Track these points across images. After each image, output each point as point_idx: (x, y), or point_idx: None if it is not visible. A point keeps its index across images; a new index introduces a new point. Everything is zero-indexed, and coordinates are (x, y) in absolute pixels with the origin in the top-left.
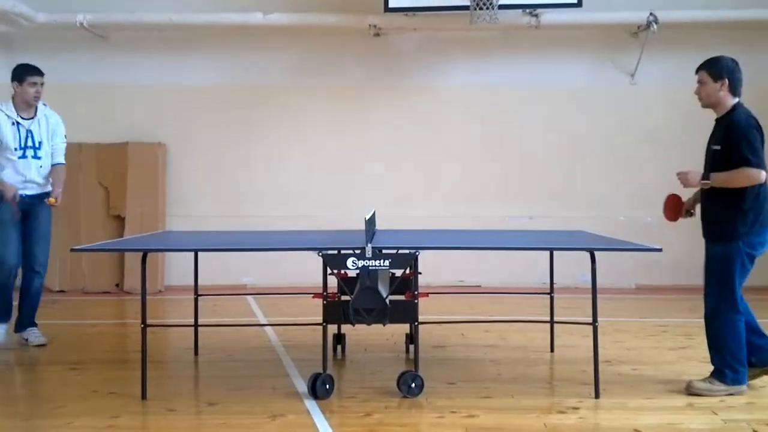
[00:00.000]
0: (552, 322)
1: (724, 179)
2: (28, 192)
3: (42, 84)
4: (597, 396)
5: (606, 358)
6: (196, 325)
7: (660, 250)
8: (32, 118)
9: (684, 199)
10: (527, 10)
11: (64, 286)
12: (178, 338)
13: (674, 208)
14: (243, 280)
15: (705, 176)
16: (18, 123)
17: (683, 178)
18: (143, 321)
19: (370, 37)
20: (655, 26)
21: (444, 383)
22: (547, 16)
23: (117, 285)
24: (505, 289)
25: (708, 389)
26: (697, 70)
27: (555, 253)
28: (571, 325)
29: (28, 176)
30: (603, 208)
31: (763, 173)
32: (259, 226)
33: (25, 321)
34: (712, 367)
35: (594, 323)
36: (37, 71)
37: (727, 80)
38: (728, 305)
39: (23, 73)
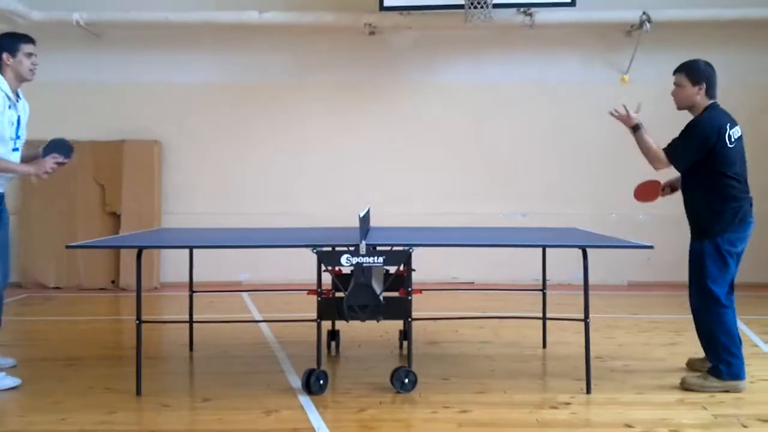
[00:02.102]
0: (544, 319)
1: (640, 139)
2: None
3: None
4: (588, 391)
5: (598, 353)
6: (191, 322)
7: (652, 247)
8: (18, 100)
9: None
10: (521, 9)
11: (60, 282)
12: (173, 335)
13: (648, 191)
14: (240, 277)
15: (637, 127)
16: (14, 106)
17: (620, 115)
18: (138, 317)
19: (365, 36)
20: (648, 25)
21: (437, 379)
22: (541, 15)
23: (113, 282)
24: (499, 285)
25: (700, 385)
26: (675, 72)
27: (548, 250)
28: (563, 322)
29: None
30: (596, 206)
31: (662, 164)
32: (254, 223)
33: None
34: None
35: (586, 319)
36: (31, 39)
37: (705, 85)
38: (711, 300)
39: (16, 41)
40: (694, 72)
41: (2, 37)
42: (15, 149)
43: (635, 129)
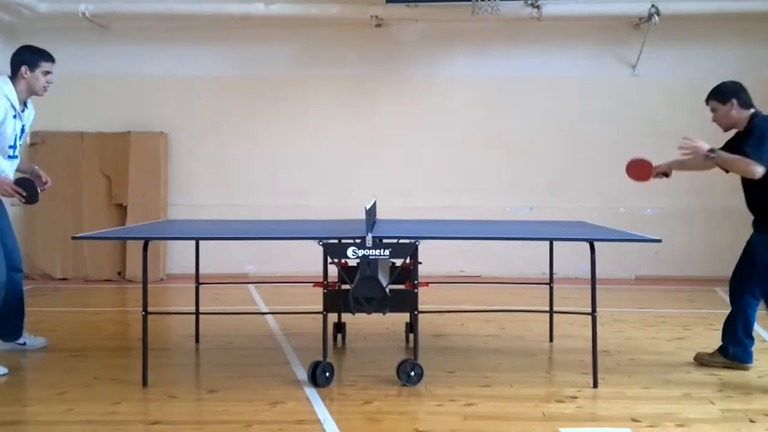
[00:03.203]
0: (551, 312)
1: (724, 159)
2: None
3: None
4: (595, 385)
5: (605, 347)
6: (197, 313)
7: (660, 241)
8: (24, 109)
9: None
10: (529, 2)
11: (66, 273)
12: (179, 326)
13: (640, 171)
14: (246, 268)
15: (712, 150)
16: (19, 116)
17: (690, 146)
18: (144, 308)
19: (371, 28)
20: (656, 18)
21: (443, 372)
22: (549, 8)
23: (119, 273)
24: (505, 279)
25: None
26: (707, 101)
27: (555, 243)
28: (570, 315)
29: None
30: (604, 200)
31: (759, 169)
32: (260, 215)
33: (20, 329)
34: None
35: (593, 313)
36: (52, 57)
37: (734, 99)
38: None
39: (38, 57)
40: (721, 92)
41: (24, 49)
42: (12, 156)
43: (711, 152)
